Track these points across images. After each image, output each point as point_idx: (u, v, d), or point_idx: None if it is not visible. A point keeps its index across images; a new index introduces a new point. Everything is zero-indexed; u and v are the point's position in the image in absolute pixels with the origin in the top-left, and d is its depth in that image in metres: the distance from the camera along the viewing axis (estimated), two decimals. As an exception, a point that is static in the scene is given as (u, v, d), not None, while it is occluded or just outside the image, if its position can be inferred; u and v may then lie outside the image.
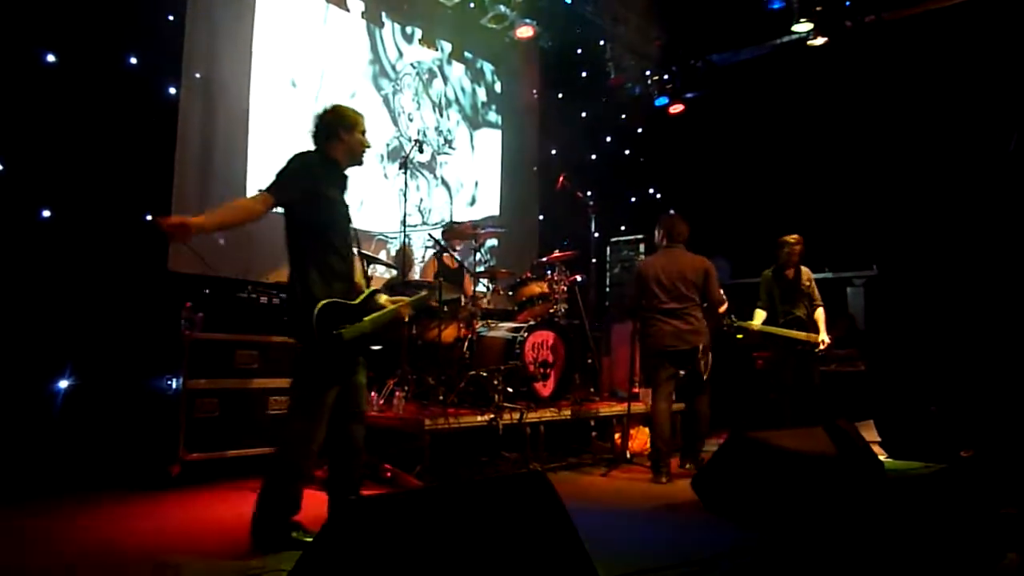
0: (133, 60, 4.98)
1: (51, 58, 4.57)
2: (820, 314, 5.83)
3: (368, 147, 3.33)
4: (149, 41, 5.08)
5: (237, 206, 3.09)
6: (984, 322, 6.34)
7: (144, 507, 3.74)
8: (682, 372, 5.09)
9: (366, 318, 3.13)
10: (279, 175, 3.07)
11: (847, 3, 7.14)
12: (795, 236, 5.82)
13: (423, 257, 6.74)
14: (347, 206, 3.29)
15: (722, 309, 5.18)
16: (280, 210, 3.08)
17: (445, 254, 5.82)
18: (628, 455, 5.33)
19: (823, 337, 5.71)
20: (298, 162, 3.12)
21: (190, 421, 4.26)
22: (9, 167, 4.35)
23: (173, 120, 5.27)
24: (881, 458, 4.68)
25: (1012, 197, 6.32)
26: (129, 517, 3.56)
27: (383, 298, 3.30)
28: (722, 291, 5.18)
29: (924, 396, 6.16)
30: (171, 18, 5.27)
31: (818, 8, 7.12)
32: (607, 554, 2.64)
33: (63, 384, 4.36)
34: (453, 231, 5.95)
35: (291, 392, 3.29)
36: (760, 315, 5.76)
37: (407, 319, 3.33)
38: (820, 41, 7.29)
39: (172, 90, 5.25)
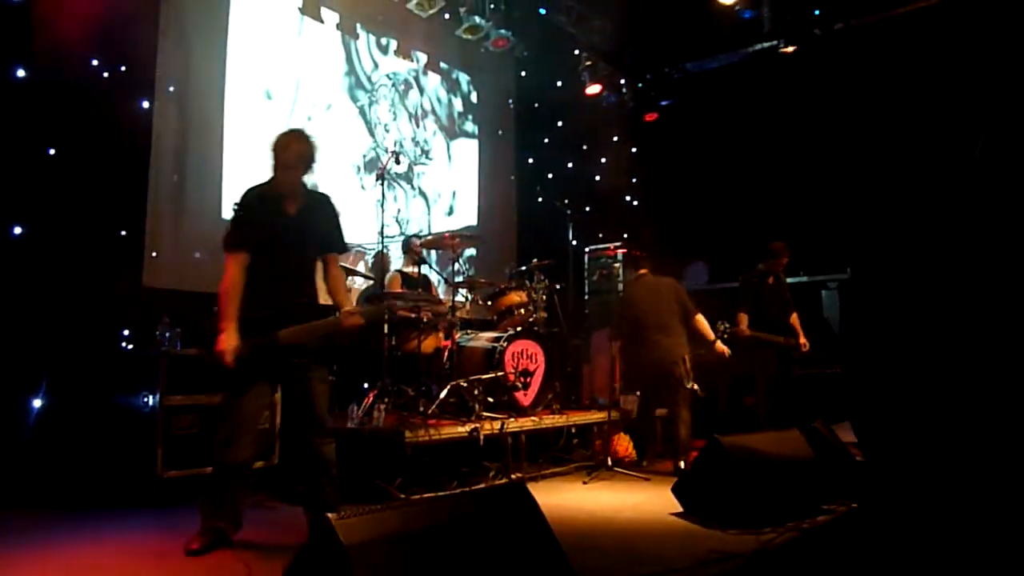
0: (105, 74, 4.93)
1: (21, 73, 4.51)
2: (795, 318, 6.16)
3: (284, 155, 3.33)
4: (122, 55, 5.04)
5: (230, 289, 3.24)
6: (959, 323, 6.44)
7: (121, 526, 3.69)
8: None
9: (281, 331, 3.22)
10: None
11: (816, 11, 7.26)
12: (783, 244, 6.10)
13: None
14: (292, 225, 3.35)
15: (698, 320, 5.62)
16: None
17: (410, 267, 5.84)
18: (609, 462, 5.35)
19: (802, 340, 6.06)
20: (237, 207, 3.36)
21: (167, 438, 4.21)
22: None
23: (147, 134, 5.23)
24: (858, 459, 4.73)
25: (979, 200, 6.45)
26: (107, 536, 3.51)
27: (345, 310, 3.38)
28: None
29: (900, 397, 6.25)
30: (144, 31, 5.23)
31: (787, 17, 7.25)
32: (587, 561, 2.66)
33: (37, 402, 4.30)
34: (432, 240, 5.95)
35: None
36: (744, 319, 5.89)
37: (352, 328, 3.29)
38: (790, 49, 7.42)
39: (145, 104, 5.22)
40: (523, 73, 8.72)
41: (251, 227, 3.29)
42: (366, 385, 5.42)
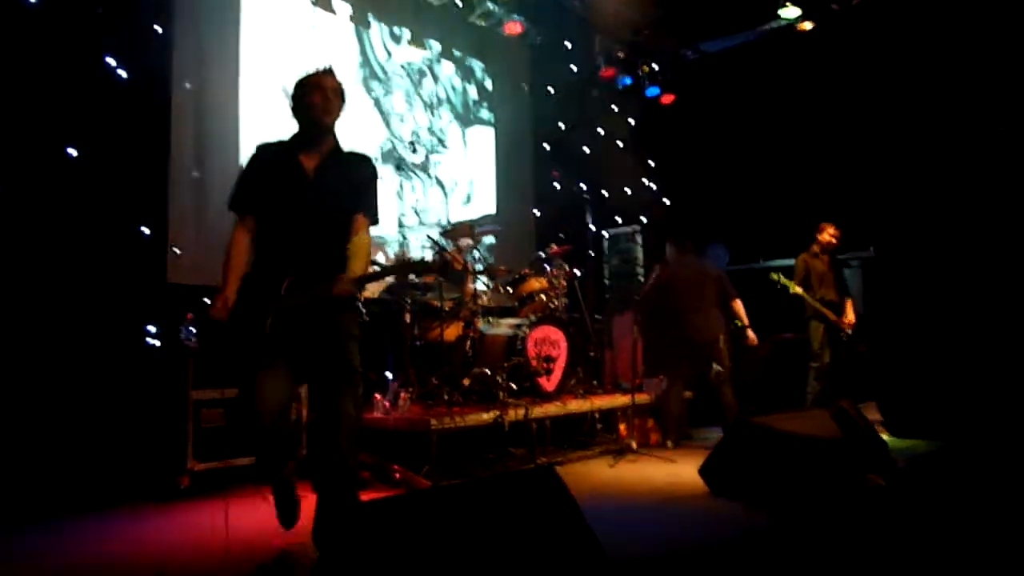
0: (123, 73, 4.97)
1: (40, 72, 4.55)
2: (848, 303, 6.30)
3: (313, 104, 3.07)
4: (138, 53, 5.06)
5: (233, 255, 3.02)
6: (982, 302, 6.36)
7: (154, 519, 3.76)
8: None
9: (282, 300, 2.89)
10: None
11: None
12: (834, 225, 6.31)
13: (422, 258, 6.74)
14: (309, 187, 3.01)
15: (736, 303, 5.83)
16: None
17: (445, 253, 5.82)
18: (634, 445, 5.36)
19: (851, 318, 6.19)
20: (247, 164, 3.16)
21: (197, 431, 4.28)
22: (3, 183, 4.34)
23: (165, 132, 5.26)
24: (884, 437, 4.70)
25: (1002, 177, 6.34)
26: (140, 529, 3.58)
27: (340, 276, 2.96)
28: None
29: (925, 376, 6.20)
30: (159, 29, 5.26)
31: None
32: (617, 544, 2.66)
33: (67, 400, 4.37)
34: (453, 232, 5.96)
35: None
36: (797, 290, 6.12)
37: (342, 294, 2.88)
38: (808, 26, 7.31)
39: (163, 102, 5.25)
40: (538, 58, 8.66)
41: (258, 187, 3.02)
42: (390, 375, 5.45)
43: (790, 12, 7.29)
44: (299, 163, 3.02)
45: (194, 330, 4.51)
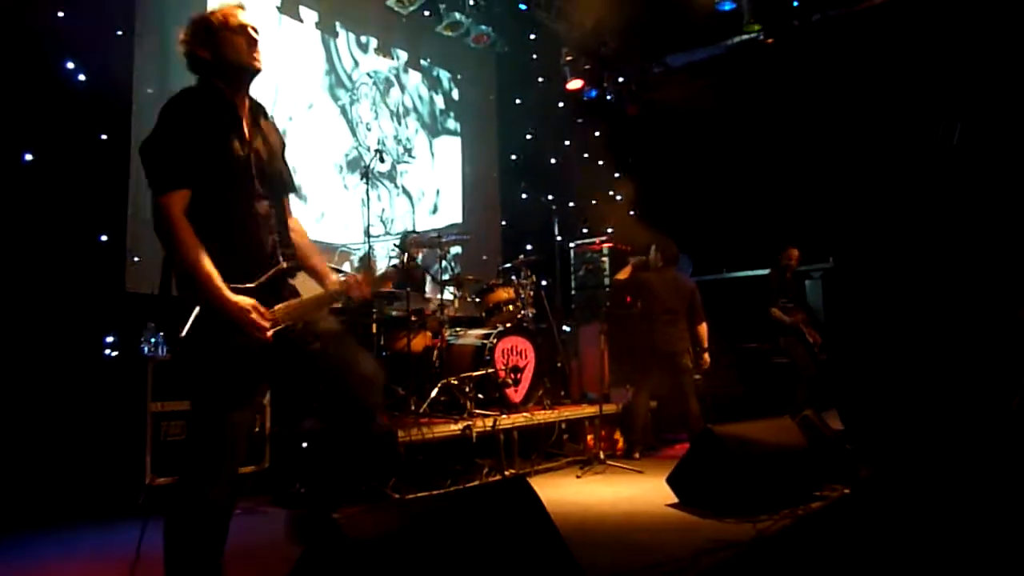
0: (82, 77, 4.85)
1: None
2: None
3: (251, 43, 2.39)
4: (97, 57, 4.95)
5: (189, 237, 2.19)
6: (941, 309, 6.52)
7: (112, 535, 3.63)
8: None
9: (277, 306, 2.28)
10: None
11: (795, 3, 7.31)
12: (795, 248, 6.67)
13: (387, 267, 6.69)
14: (253, 149, 2.35)
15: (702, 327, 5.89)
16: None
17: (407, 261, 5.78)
18: (601, 456, 5.35)
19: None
20: (166, 121, 2.29)
21: (156, 444, 4.16)
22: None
23: (126, 137, 5.15)
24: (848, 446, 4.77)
25: (957, 187, 6.52)
26: (97, 546, 3.45)
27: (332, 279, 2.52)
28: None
29: (886, 385, 6.32)
30: (119, 33, 5.15)
31: (766, 9, 7.29)
32: (590, 556, 2.65)
33: (21, 411, 4.21)
34: (413, 240, 5.91)
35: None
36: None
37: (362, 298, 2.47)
38: (770, 40, 7.46)
39: (123, 106, 5.13)
40: (504, 69, 8.69)
41: (199, 149, 2.23)
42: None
43: (750, 32, 7.44)
44: (239, 119, 2.36)
45: (153, 339, 4.40)
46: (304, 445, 4.25)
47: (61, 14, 4.70)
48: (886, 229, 7.05)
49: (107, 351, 4.79)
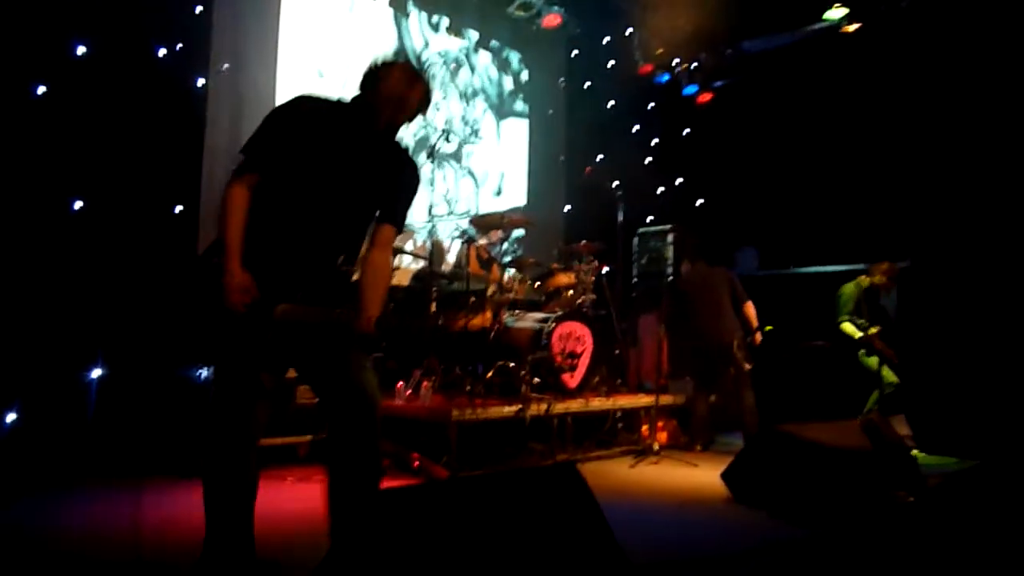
0: (161, 52, 5.00)
1: (82, 49, 4.60)
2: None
3: (399, 91, 2.54)
4: (176, 33, 5.09)
5: (233, 212, 2.40)
6: (1017, 314, 6.18)
7: (184, 493, 3.76)
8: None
9: (282, 305, 2.36)
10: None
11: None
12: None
13: (449, 247, 6.72)
14: (354, 165, 2.50)
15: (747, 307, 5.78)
16: None
17: (474, 244, 5.81)
18: (656, 447, 5.29)
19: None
20: (269, 114, 2.57)
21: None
22: (42, 159, 4.39)
23: (201, 112, 5.30)
24: (914, 453, 4.59)
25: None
26: (173, 503, 3.59)
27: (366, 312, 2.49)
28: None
29: (957, 391, 6.04)
30: (198, 9, 5.29)
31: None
32: (636, 545, 2.61)
33: (96, 374, 4.42)
34: (483, 221, 5.93)
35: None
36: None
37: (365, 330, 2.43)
38: (854, 27, 7.14)
39: (200, 82, 5.27)
40: (575, 52, 8.58)
41: (288, 142, 2.44)
42: (413, 364, 5.44)
43: (836, 13, 7.13)
44: (350, 134, 2.51)
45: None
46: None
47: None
48: (968, 228, 6.71)
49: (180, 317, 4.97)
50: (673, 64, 8.33)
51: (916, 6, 7.00)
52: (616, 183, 6.48)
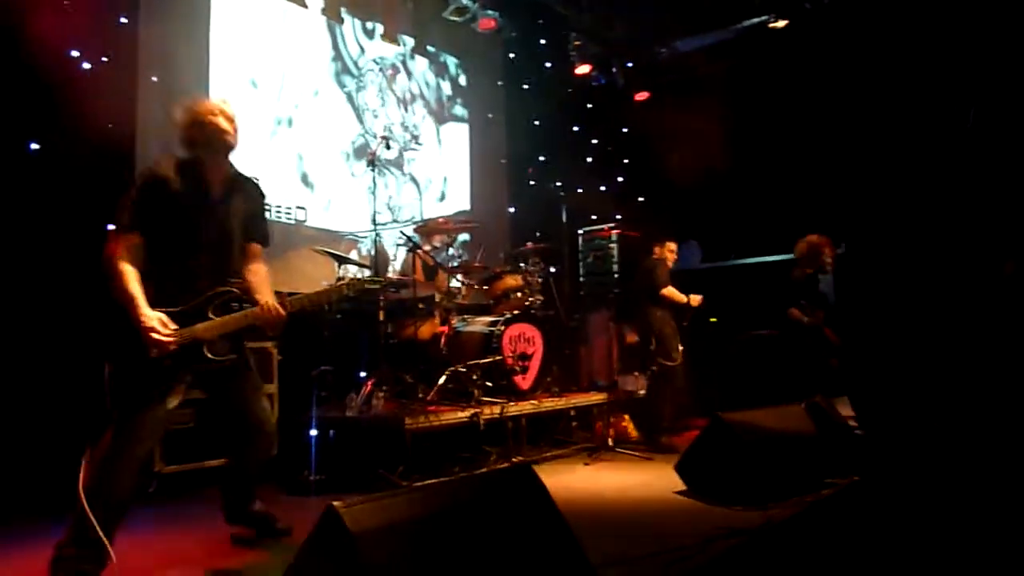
0: (86, 65, 4.83)
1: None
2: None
3: (218, 135, 3.02)
4: (102, 45, 4.93)
5: (125, 269, 2.78)
6: (953, 296, 6.43)
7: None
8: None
9: (198, 324, 2.82)
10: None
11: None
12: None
13: (394, 255, 6.67)
14: (217, 208, 3.01)
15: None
16: None
17: (419, 251, 5.77)
18: (610, 443, 5.34)
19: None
20: (136, 182, 2.97)
21: (165, 433, 4.16)
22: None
23: (131, 126, 5.13)
24: (858, 433, 4.73)
25: (972, 170, 6.41)
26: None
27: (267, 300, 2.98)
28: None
29: (898, 371, 6.25)
30: (123, 20, 5.12)
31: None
32: (597, 543, 2.63)
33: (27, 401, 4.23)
34: (426, 228, 5.90)
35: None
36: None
37: (275, 319, 2.93)
38: (781, 24, 7.35)
39: (128, 95, 5.11)
40: (512, 55, 8.62)
41: (156, 205, 2.85)
42: (363, 374, 5.38)
43: (764, 13, 7.33)
44: (206, 183, 3.01)
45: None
46: (312, 433, 4.27)
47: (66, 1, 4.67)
48: (901, 213, 6.96)
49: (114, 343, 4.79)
50: (610, 64, 8.43)
51: (839, 2, 7.25)
52: (558, 184, 6.53)
